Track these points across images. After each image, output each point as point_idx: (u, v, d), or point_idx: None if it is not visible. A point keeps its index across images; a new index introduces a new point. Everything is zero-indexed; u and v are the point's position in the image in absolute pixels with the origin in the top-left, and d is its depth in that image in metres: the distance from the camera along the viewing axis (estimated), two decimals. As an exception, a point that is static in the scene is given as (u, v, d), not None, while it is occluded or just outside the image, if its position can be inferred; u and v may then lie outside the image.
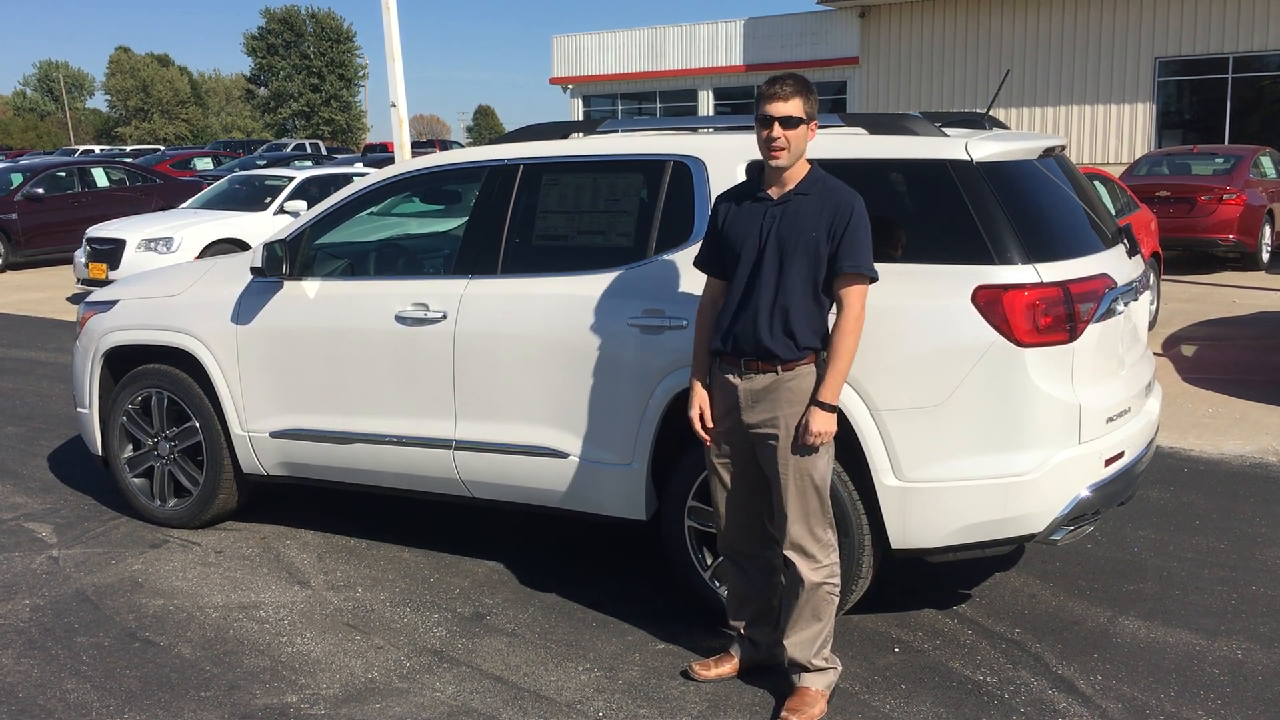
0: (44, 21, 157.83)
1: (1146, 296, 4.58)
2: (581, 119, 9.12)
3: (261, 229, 12.72)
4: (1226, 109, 24.28)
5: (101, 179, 18.65)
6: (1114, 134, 25.34)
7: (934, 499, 3.82)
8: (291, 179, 14.17)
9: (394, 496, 5.03)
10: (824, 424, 3.45)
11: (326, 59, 74.23)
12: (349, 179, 13.93)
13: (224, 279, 5.24)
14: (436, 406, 4.64)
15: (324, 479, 5.10)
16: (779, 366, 3.51)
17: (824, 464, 3.55)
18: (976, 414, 3.76)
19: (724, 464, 3.70)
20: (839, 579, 3.65)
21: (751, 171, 3.77)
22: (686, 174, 4.30)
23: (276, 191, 13.92)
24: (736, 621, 3.90)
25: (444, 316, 4.59)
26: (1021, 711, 3.62)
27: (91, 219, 15.33)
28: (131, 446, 5.53)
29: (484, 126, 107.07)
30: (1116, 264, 4.14)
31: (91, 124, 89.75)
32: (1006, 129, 4.69)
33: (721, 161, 4.24)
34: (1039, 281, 3.75)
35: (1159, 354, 9.22)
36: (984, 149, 3.93)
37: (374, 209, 5.20)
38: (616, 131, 4.83)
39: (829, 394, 3.45)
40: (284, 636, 4.28)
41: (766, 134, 3.46)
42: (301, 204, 13.18)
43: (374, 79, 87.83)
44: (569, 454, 4.40)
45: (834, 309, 3.50)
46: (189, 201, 15.13)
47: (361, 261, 5.45)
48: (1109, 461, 3.95)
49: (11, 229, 17.09)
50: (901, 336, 3.78)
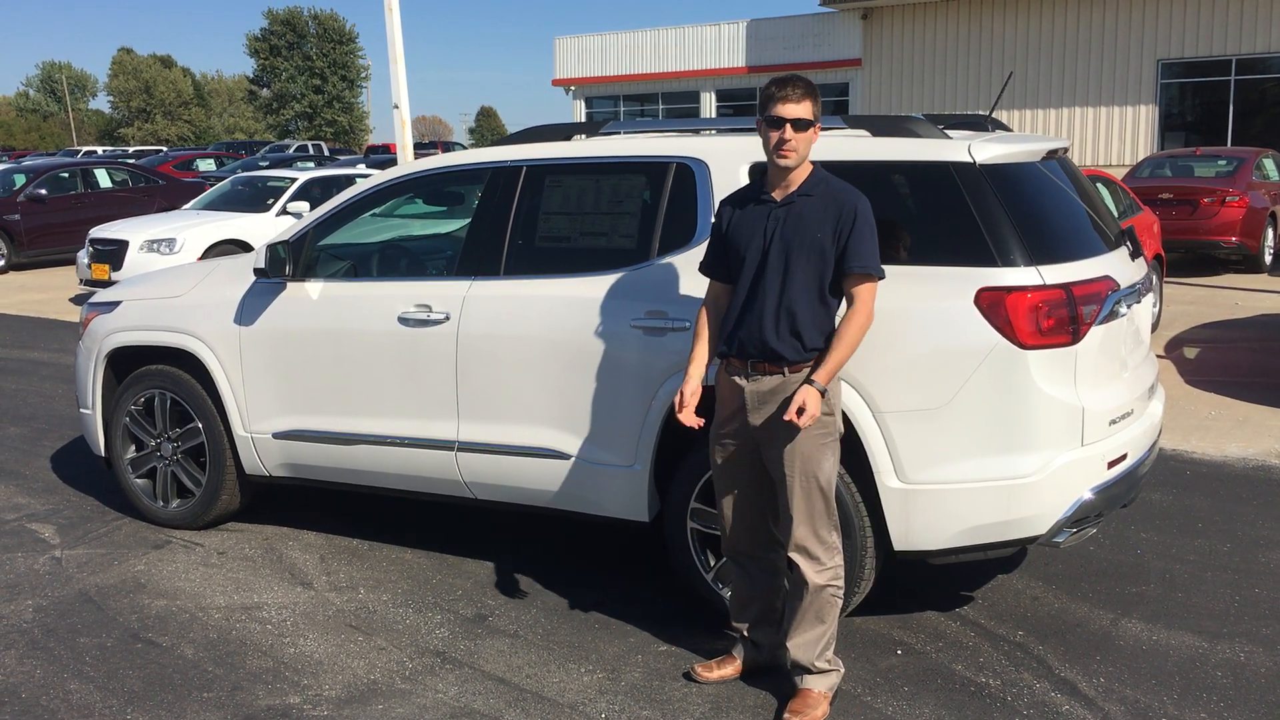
0: (47, 22, 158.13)
1: (1149, 299, 4.57)
2: (584, 120, 9.13)
3: (264, 230, 12.73)
4: (1229, 111, 24.26)
5: (104, 180, 18.67)
6: (1117, 136, 25.33)
7: (937, 501, 3.82)
8: (294, 180, 14.15)
9: (396, 498, 5.04)
10: (812, 403, 3.40)
11: (329, 60, 74.20)
12: (351, 180, 13.94)
13: (227, 280, 5.24)
14: (439, 408, 4.65)
15: (326, 480, 5.10)
16: (786, 368, 3.51)
17: (829, 466, 3.55)
18: (979, 416, 3.76)
19: (729, 466, 3.70)
20: (843, 581, 3.65)
21: (754, 174, 3.76)
22: (689, 176, 4.30)
23: (279, 193, 13.91)
24: (739, 623, 3.90)
25: (447, 318, 4.59)
26: (1024, 714, 3.62)
27: (94, 220, 15.35)
28: (134, 447, 5.53)
29: (486, 128, 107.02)
30: (1119, 266, 4.14)
31: (94, 125, 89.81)
32: (1009, 131, 4.69)
33: (724, 163, 4.24)
34: (1042, 284, 3.74)
35: (1162, 356, 9.21)
36: (987, 151, 3.93)
37: (377, 210, 5.20)
38: (619, 133, 4.83)
39: (822, 375, 3.44)
40: (286, 637, 4.28)
41: (777, 135, 3.44)
42: (304, 205, 13.18)
43: (376, 80, 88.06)
44: (571, 455, 4.40)
45: (843, 306, 3.50)
46: (192, 203, 15.15)
47: (364, 263, 5.45)
48: (1112, 464, 3.95)
49: (14, 230, 17.12)
50: (904, 338, 3.78)
